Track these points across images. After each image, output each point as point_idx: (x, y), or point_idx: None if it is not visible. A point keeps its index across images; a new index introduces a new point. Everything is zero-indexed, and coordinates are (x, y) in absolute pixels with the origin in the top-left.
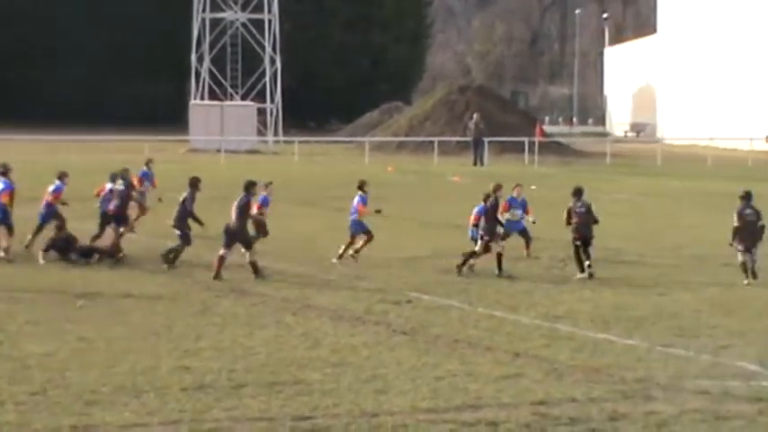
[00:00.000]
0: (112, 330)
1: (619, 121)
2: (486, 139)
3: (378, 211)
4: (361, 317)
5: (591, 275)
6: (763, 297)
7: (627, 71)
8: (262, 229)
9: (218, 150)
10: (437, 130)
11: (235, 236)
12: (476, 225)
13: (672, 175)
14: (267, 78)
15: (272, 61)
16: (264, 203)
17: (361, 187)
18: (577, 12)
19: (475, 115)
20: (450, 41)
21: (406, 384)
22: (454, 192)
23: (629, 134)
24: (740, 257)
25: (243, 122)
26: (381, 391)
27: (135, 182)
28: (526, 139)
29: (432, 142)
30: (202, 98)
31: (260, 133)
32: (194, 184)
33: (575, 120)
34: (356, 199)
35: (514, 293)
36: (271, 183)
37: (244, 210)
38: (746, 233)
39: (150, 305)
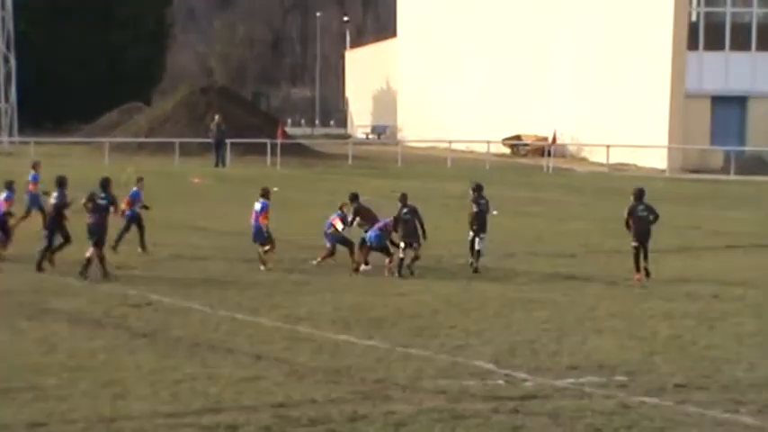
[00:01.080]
0: None
1: (360, 123)
2: (228, 141)
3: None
4: (99, 320)
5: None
6: (499, 297)
7: (368, 74)
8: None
9: None
10: (178, 131)
11: (93, 232)
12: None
13: (412, 177)
14: (1, 77)
15: (6, 60)
16: (136, 198)
17: (264, 195)
18: (318, 15)
19: (216, 117)
20: (192, 42)
21: (145, 388)
22: (195, 193)
23: (371, 136)
24: (471, 237)
25: None
26: (120, 395)
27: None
28: (268, 141)
29: (173, 143)
30: None
31: None
32: (63, 183)
33: (317, 122)
34: (258, 206)
35: (255, 296)
36: (142, 178)
37: (107, 208)
38: (479, 220)
39: None
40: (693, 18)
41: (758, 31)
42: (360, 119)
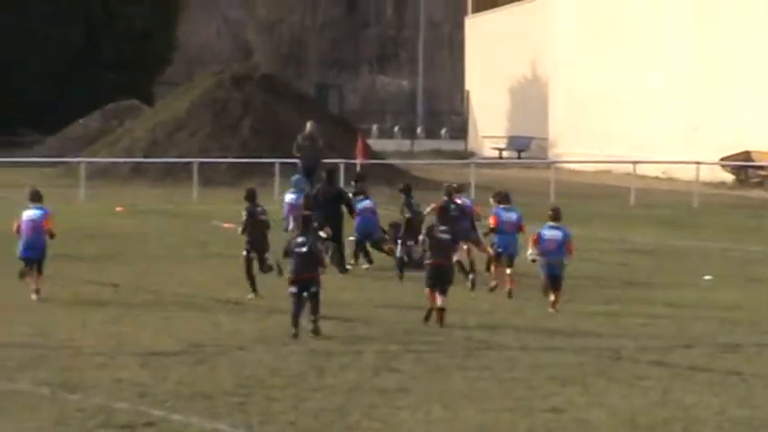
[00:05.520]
0: None
1: (490, 133)
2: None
3: None
4: None
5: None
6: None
7: (501, 55)
8: None
9: None
10: (196, 145)
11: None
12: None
13: (581, 220)
14: None
15: None
16: None
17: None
18: None
19: (309, 124)
20: (219, 6)
21: None
22: (226, 247)
23: (507, 153)
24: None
25: None
26: None
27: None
28: (342, 162)
29: (189, 165)
30: None
31: None
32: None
33: (419, 130)
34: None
35: None
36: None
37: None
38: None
39: None
40: None
41: None
42: (489, 126)
